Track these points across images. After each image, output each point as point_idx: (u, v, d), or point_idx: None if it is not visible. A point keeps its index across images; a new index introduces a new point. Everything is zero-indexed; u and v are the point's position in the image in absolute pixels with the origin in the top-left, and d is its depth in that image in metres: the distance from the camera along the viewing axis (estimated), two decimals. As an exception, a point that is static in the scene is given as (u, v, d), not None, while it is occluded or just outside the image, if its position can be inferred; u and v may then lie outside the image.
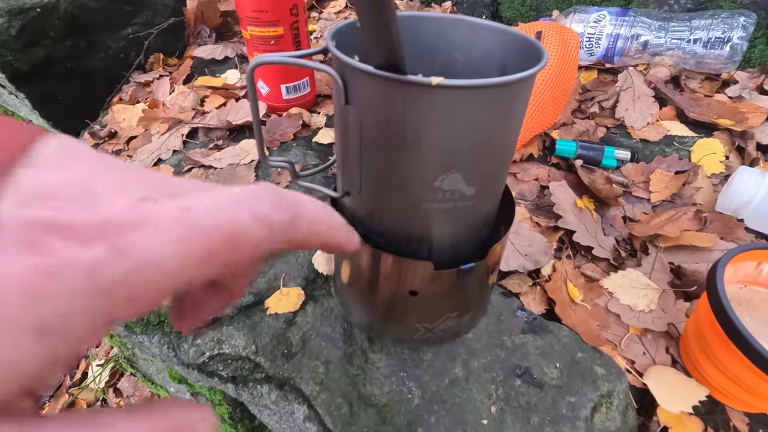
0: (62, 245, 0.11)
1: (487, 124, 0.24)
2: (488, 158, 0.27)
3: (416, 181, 0.26)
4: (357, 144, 0.26)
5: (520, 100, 0.25)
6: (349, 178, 0.30)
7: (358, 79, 0.24)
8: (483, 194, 0.28)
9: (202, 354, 0.40)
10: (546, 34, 0.57)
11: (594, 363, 0.36)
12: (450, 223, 0.29)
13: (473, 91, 0.22)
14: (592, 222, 0.50)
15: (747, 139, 0.59)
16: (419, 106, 0.23)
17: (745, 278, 0.38)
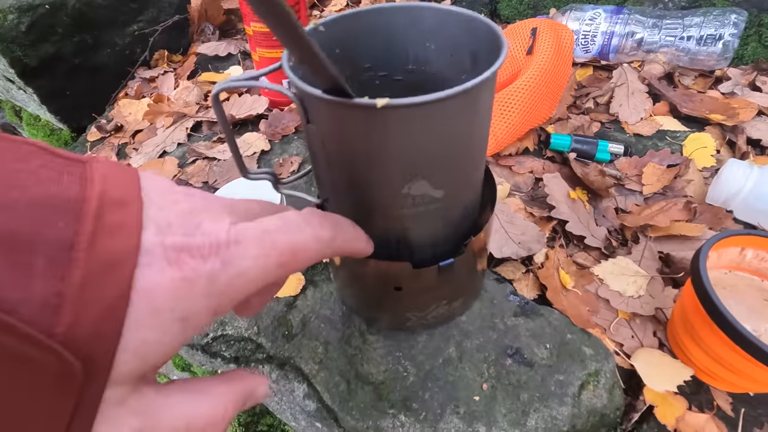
0: (192, 261, 0.15)
1: (445, 134, 0.24)
2: (452, 162, 0.26)
3: (383, 191, 0.27)
4: (323, 159, 0.27)
5: (479, 104, 0.25)
6: (323, 188, 0.31)
7: (311, 101, 0.24)
8: (454, 194, 0.29)
9: (206, 335, 0.41)
10: (541, 30, 0.59)
11: (582, 344, 0.38)
12: (425, 224, 0.30)
13: (422, 107, 0.22)
14: (584, 212, 0.52)
15: (738, 133, 0.60)
16: (371, 126, 0.23)
17: (729, 264, 0.40)
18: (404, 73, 0.34)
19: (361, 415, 0.34)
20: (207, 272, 0.15)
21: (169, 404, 0.16)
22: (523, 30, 0.62)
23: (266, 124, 0.63)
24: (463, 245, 0.33)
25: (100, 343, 0.13)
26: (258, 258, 0.16)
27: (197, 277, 0.15)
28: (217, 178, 0.55)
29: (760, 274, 0.39)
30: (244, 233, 0.16)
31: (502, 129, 0.56)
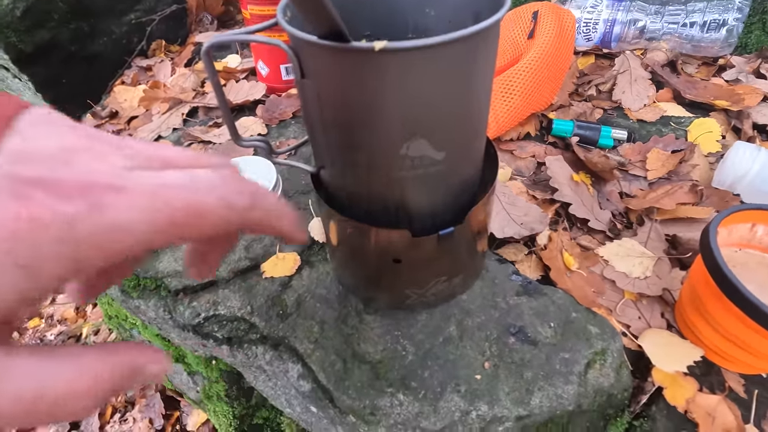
0: (46, 198, 0.12)
1: (444, 86, 0.23)
2: (453, 121, 0.25)
3: (381, 151, 0.25)
4: (318, 117, 0.26)
5: (479, 56, 0.23)
6: (319, 153, 0.29)
7: (308, 51, 0.23)
8: (455, 158, 0.27)
9: (197, 315, 0.40)
10: (542, 13, 0.58)
11: (588, 323, 0.36)
12: (425, 189, 0.28)
13: (421, 52, 0.20)
14: (588, 196, 0.50)
15: (743, 118, 0.59)
16: (368, 74, 0.22)
17: (739, 241, 0.38)
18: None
19: (358, 395, 0.33)
20: (65, 214, 0.12)
21: (17, 366, 0.13)
22: (524, 14, 0.61)
23: (263, 110, 0.62)
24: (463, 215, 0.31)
25: None
26: (145, 212, 0.14)
27: (50, 218, 0.12)
28: (212, 160, 0.54)
29: (772, 252, 0.38)
30: (134, 180, 0.14)
31: (503, 111, 0.55)
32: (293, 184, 0.50)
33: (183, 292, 0.42)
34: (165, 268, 0.43)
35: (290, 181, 0.50)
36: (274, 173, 0.46)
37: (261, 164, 0.48)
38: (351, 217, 0.31)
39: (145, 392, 0.91)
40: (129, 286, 0.44)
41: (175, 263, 0.44)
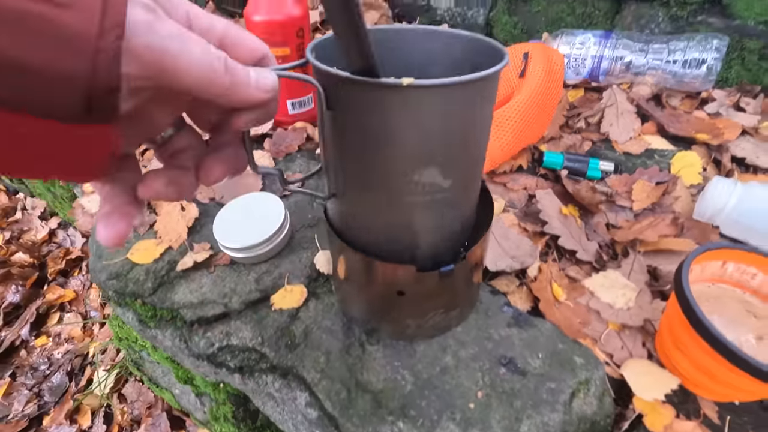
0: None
1: (457, 119, 0.27)
2: (461, 151, 0.29)
3: (396, 176, 0.28)
4: (340, 145, 0.29)
5: (486, 96, 0.28)
6: (335, 180, 0.32)
7: (337, 86, 0.26)
8: (459, 187, 0.31)
9: (211, 345, 0.43)
10: (532, 54, 0.62)
11: (574, 353, 0.39)
12: (430, 217, 0.31)
13: (441, 89, 0.25)
14: (576, 228, 0.54)
15: (723, 152, 0.63)
16: (394, 107, 0.25)
17: (711, 276, 0.42)
18: None
19: (361, 422, 0.36)
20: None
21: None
22: (516, 54, 0.65)
23: (270, 143, 0.66)
24: (462, 252, 0.35)
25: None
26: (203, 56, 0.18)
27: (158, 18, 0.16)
28: (224, 195, 0.57)
29: (742, 286, 0.41)
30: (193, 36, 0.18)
31: (496, 148, 0.58)
32: (300, 219, 0.53)
33: (197, 323, 0.45)
34: (180, 299, 0.47)
35: (297, 216, 0.54)
36: (282, 208, 0.50)
37: (269, 199, 0.51)
38: (359, 247, 0.34)
39: (152, 411, 0.93)
40: (146, 316, 0.47)
41: (190, 295, 0.47)
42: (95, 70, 0.15)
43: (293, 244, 0.51)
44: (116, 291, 0.49)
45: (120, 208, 0.21)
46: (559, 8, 0.85)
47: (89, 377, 1.06)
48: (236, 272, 0.48)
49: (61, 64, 0.14)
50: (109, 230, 0.21)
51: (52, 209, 1.38)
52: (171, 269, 0.50)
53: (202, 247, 0.51)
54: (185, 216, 0.54)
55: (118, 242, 0.21)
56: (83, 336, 1.16)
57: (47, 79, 0.14)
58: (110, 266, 0.51)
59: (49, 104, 0.15)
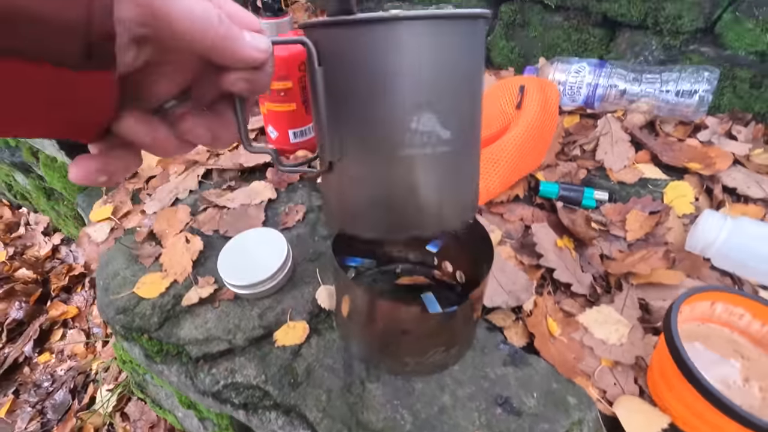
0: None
1: (452, 58, 0.26)
2: (455, 98, 0.28)
3: (392, 124, 0.27)
4: (334, 103, 0.27)
5: (475, 42, 0.28)
6: (330, 147, 0.29)
7: (327, 36, 0.26)
8: (459, 141, 0.29)
9: (216, 382, 0.44)
10: (528, 88, 0.64)
11: (567, 393, 0.41)
12: (433, 174, 0.29)
13: (432, 21, 0.24)
14: (571, 260, 0.55)
15: (714, 182, 0.64)
16: (383, 44, 0.25)
17: (701, 316, 0.43)
18: None
19: (362, 463, 0.37)
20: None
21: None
22: (512, 86, 0.67)
23: (273, 173, 0.67)
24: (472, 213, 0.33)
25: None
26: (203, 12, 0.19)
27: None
28: (228, 228, 0.58)
29: (730, 326, 0.43)
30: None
31: (493, 179, 0.60)
32: (301, 252, 0.55)
33: (203, 359, 0.46)
34: (186, 335, 0.48)
35: (298, 249, 0.55)
36: (284, 244, 0.51)
37: (272, 235, 0.52)
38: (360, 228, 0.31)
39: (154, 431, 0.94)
40: (153, 351, 0.49)
41: (196, 331, 0.48)
42: (90, 18, 0.16)
43: (295, 278, 0.52)
44: (123, 326, 0.50)
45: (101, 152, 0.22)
46: (555, 34, 0.87)
47: (92, 395, 1.08)
48: (240, 307, 0.50)
49: (64, 14, 0.15)
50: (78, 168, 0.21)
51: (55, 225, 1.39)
52: (176, 303, 0.51)
53: (206, 281, 0.52)
54: (190, 249, 0.56)
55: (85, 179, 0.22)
56: (86, 353, 1.17)
57: (54, 29, 0.15)
58: (117, 301, 0.52)
59: (58, 51, 0.16)
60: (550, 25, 0.86)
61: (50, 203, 1.19)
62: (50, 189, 1.13)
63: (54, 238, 1.42)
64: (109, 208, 0.67)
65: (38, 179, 1.14)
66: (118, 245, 0.60)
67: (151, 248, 0.58)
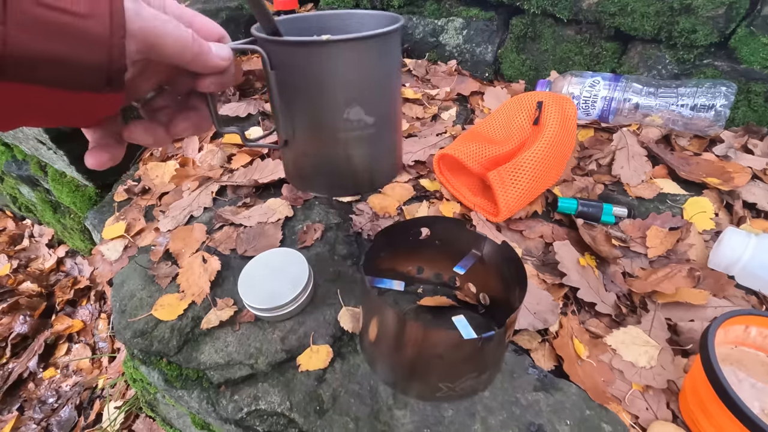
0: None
1: (370, 67, 0.34)
2: (376, 93, 0.36)
3: (331, 115, 0.35)
4: (286, 98, 0.35)
5: (389, 49, 0.35)
6: (284, 129, 0.37)
7: (277, 48, 0.33)
8: (382, 124, 0.38)
9: (240, 410, 0.43)
10: (546, 104, 0.63)
11: (601, 420, 0.40)
12: (362, 147, 0.38)
13: (352, 42, 0.32)
14: (594, 279, 0.54)
15: (734, 198, 0.64)
16: (321, 58, 0.32)
17: (735, 340, 0.42)
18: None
19: (394, 496, 0.36)
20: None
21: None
22: (528, 101, 0.66)
23: (288, 189, 0.67)
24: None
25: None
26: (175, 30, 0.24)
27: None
28: (246, 248, 0.58)
29: (765, 350, 0.42)
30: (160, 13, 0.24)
31: (513, 196, 0.59)
32: (321, 272, 0.54)
33: (225, 384, 0.45)
34: (206, 359, 0.47)
35: (318, 269, 0.54)
36: (305, 265, 0.50)
37: (292, 256, 0.52)
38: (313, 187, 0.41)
39: (164, 449, 0.93)
40: (172, 376, 0.48)
41: (216, 355, 0.47)
42: (110, 60, 0.21)
43: (316, 300, 0.51)
44: (142, 350, 0.49)
45: (105, 145, 0.28)
46: (567, 48, 0.87)
47: (98, 411, 1.06)
48: (261, 330, 0.49)
49: (90, 57, 0.21)
50: (95, 158, 0.28)
51: (60, 238, 1.38)
52: (195, 326, 0.50)
53: (225, 302, 0.52)
54: (207, 269, 0.55)
55: (100, 167, 0.28)
56: (92, 368, 1.15)
57: (82, 68, 0.21)
58: (134, 323, 0.51)
59: (83, 83, 0.22)
60: (561, 38, 0.86)
61: (56, 216, 1.18)
62: (57, 202, 1.12)
63: (59, 251, 1.40)
64: (122, 225, 0.66)
65: (45, 192, 1.14)
66: (133, 264, 0.59)
67: (167, 268, 0.57)
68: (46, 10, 0.19)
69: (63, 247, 1.41)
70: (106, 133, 0.28)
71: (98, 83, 0.22)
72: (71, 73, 0.21)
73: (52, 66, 0.20)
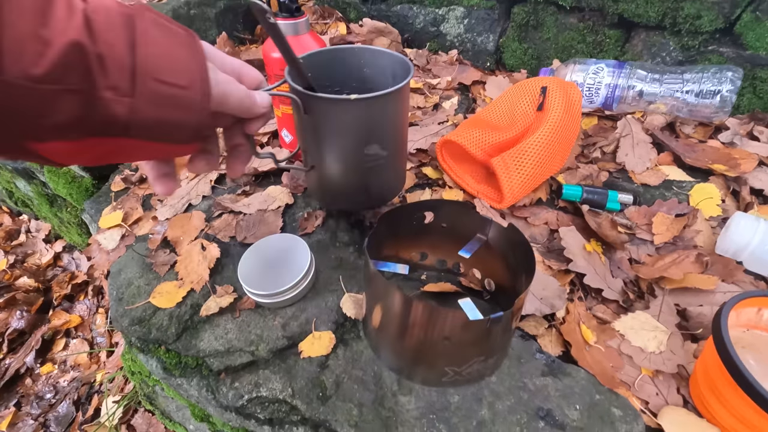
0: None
1: (383, 113, 0.44)
2: (390, 132, 0.46)
3: (353, 152, 0.45)
4: (314, 135, 0.45)
5: (401, 98, 0.45)
6: (312, 157, 0.47)
7: (310, 99, 0.41)
8: (393, 155, 0.48)
9: (240, 397, 0.42)
10: (550, 89, 0.62)
11: (611, 405, 0.39)
12: (377, 174, 0.48)
13: (372, 99, 0.41)
14: (600, 265, 0.53)
15: (741, 184, 0.63)
16: (348, 110, 0.41)
17: (747, 323, 0.41)
18: (351, 88, 0.53)
19: (400, 482, 0.35)
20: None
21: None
22: (532, 87, 0.65)
23: (288, 176, 0.66)
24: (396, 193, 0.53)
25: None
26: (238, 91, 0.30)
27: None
28: (245, 234, 0.57)
29: (778, 333, 0.41)
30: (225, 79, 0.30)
31: (517, 183, 0.58)
32: (323, 260, 0.53)
33: (225, 371, 0.44)
34: (206, 347, 0.46)
35: (319, 256, 0.53)
36: (307, 250, 0.49)
37: (293, 241, 0.50)
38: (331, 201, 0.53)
39: (163, 444, 0.91)
40: (171, 364, 0.47)
41: (216, 342, 0.46)
42: (200, 120, 0.27)
43: (318, 286, 0.50)
44: (139, 337, 0.48)
45: (166, 174, 0.32)
46: (570, 36, 0.86)
47: (96, 406, 1.05)
48: (262, 317, 0.48)
49: (187, 119, 0.26)
50: (167, 187, 0.32)
51: (57, 232, 1.37)
52: (195, 313, 0.49)
53: (225, 290, 0.50)
54: (206, 256, 0.54)
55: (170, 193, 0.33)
56: (90, 363, 1.14)
57: (181, 127, 0.26)
58: (132, 311, 0.50)
59: (179, 138, 0.27)
60: (564, 26, 0.85)
61: (53, 210, 1.16)
62: (53, 196, 1.11)
63: (56, 246, 1.39)
64: (119, 215, 0.65)
65: (41, 185, 1.12)
66: (131, 253, 0.58)
67: (165, 256, 0.56)
68: (161, 85, 0.24)
69: (60, 242, 1.39)
70: (166, 164, 0.32)
71: (189, 137, 0.27)
72: (173, 132, 0.26)
73: (162, 127, 0.25)
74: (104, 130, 0.23)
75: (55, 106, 0.21)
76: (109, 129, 0.23)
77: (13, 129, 0.21)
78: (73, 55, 0.20)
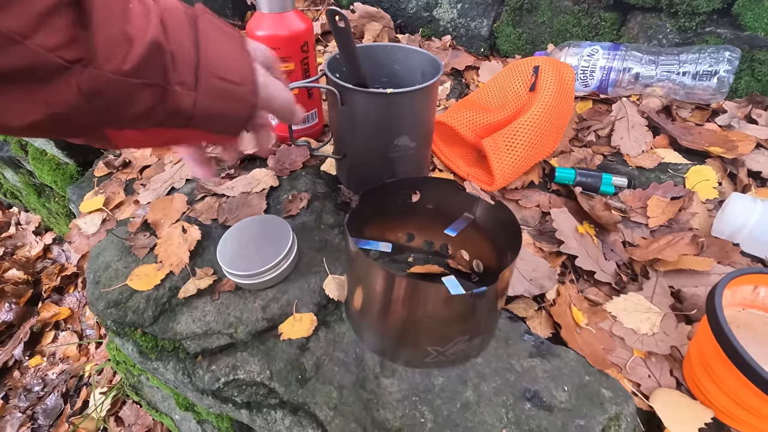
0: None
1: (415, 107, 0.48)
2: (419, 125, 0.51)
3: (384, 142, 0.50)
4: (350, 126, 0.50)
5: (431, 94, 0.49)
6: (345, 145, 0.53)
7: (348, 92, 0.46)
8: (420, 146, 0.53)
9: (217, 380, 0.41)
10: (543, 69, 0.60)
11: (601, 386, 0.37)
12: (404, 164, 0.53)
13: (407, 93, 0.45)
14: (593, 247, 0.52)
15: (738, 166, 0.61)
16: (383, 104, 0.46)
17: (742, 301, 0.40)
18: (380, 83, 0.57)
19: (379, 465, 0.33)
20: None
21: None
22: (524, 67, 0.64)
23: (274, 160, 0.64)
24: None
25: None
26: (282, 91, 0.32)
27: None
28: (227, 216, 0.55)
29: (774, 312, 0.39)
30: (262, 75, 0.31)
31: (508, 164, 0.57)
32: (306, 241, 0.51)
33: (201, 354, 0.43)
34: (183, 329, 0.44)
35: (303, 238, 0.52)
36: (289, 230, 0.48)
37: (275, 222, 0.49)
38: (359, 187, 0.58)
39: (151, 435, 0.90)
40: (147, 348, 0.45)
41: (193, 324, 0.44)
42: (251, 113, 0.29)
43: (301, 268, 0.49)
44: (115, 321, 0.46)
45: (204, 159, 0.35)
46: (565, 19, 0.84)
47: (85, 398, 1.03)
48: (242, 299, 0.46)
49: (240, 112, 0.29)
50: (208, 171, 0.35)
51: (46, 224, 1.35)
52: (173, 296, 0.47)
53: (204, 272, 0.49)
54: (187, 239, 0.52)
55: (212, 176, 0.36)
56: (79, 356, 1.12)
57: (235, 119, 0.29)
58: (108, 294, 0.48)
59: (231, 129, 0.30)
60: (559, 9, 0.84)
61: (41, 200, 1.14)
62: (41, 185, 1.09)
63: (45, 238, 1.37)
64: (101, 199, 0.63)
65: (28, 175, 1.10)
66: (110, 237, 0.56)
67: (145, 239, 0.54)
68: (220, 81, 0.26)
69: (50, 234, 1.38)
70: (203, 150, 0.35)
71: (240, 129, 0.30)
72: (228, 123, 0.29)
73: (219, 119, 0.27)
74: (170, 121, 0.25)
75: (136, 98, 0.23)
76: (175, 120, 0.25)
77: (100, 117, 0.23)
78: (154, 53, 0.22)
